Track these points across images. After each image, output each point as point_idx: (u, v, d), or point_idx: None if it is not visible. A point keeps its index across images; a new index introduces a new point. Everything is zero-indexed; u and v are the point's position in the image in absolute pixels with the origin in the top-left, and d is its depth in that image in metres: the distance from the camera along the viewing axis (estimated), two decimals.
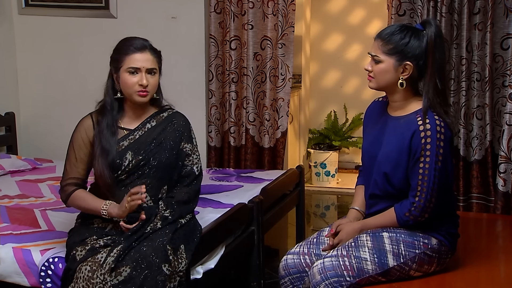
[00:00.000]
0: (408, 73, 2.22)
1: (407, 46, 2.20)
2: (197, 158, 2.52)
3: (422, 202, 2.18)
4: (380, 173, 2.27)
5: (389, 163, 2.24)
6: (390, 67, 2.23)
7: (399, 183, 2.24)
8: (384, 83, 2.26)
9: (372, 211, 2.38)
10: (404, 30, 2.22)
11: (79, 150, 2.44)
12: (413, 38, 2.20)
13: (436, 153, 2.15)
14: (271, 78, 4.06)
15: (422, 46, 2.20)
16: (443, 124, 2.17)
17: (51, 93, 4.47)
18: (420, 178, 2.17)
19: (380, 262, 2.21)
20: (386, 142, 2.28)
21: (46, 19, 4.40)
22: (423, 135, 2.16)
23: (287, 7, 3.96)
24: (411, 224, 2.23)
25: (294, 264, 2.41)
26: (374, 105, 2.47)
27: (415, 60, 2.21)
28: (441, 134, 2.15)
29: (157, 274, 2.19)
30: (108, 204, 2.37)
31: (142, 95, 2.38)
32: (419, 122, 2.18)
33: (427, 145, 2.15)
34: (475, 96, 3.62)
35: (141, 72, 2.37)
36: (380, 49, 2.23)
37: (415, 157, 2.18)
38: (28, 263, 2.46)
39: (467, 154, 3.68)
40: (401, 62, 2.21)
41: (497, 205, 3.49)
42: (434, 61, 2.19)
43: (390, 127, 2.29)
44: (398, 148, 2.23)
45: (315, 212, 5.24)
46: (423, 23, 2.25)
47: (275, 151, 4.13)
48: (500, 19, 3.57)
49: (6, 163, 3.82)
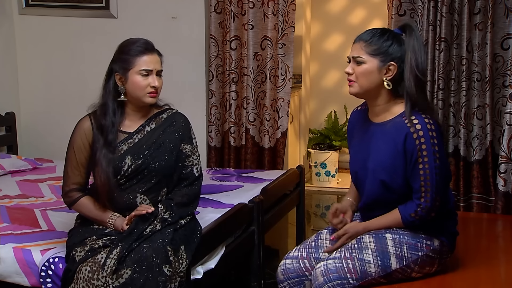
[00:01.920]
0: (392, 74, 2.22)
1: (390, 47, 2.21)
2: (197, 159, 2.51)
3: (429, 203, 2.17)
4: (376, 182, 2.24)
5: (384, 170, 2.22)
6: (374, 68, 2.21)
7: (399, 188, 2.22)
8: (367, 85, 2.23)
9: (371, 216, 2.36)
10: (385, 33, 2.24)
11: (80, 153, 2.43)
12: (395, 41, 2.22)
13: (433, 151, 2.15)
14: (271, 78, 4.06)
15: (403, 49, 2.21)
16: (432, 121, 2.18)
17: (52, 93, 4.48)
18: (422, 179, 2.16)
19: (383, 265, 2.20)
20: (375, 150, 2.25)
21: (46, 19, 4.40)
22: (416, 136, 2.14)
23: (287, 7, 3.96)
24: (417, 224, 2.22)
25: (293, 269, 2.41)
26: (355, 115, 2.45)
27: (397, 62, 2.21)
28: (432, 131, 2.15)
29: (158, 275, 2.18)
30: (114, 218, 2.38)
31: (153, 96, 2.40)
32: (408, 125, 2.16)
33: (422, 145, 2.14)
34: (475, 96, 3.62)
35: (153, 74, 2.38)
36: (363, 50, 2.22)
37: (412, 160, 2.16)
38: (29, 263, 2.46)
39: (467, 154, 3.68)
40: (385, 63, 2.21)
41: (498, 205, 3.49)
42: (413, 63, 2.19)
43: (377, 134, 2.27)
44: (391, 154, 2.20)
45: (315, 212, 5.24)
46: (402, 27, 2.26)
47: (275, 151, 4.13)
48: (501, 19, 3.57)
49: (7, 163, 3.82)
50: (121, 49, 2.41)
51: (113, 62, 2.42)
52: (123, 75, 2.38)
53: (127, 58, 2.37)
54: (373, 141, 2.27)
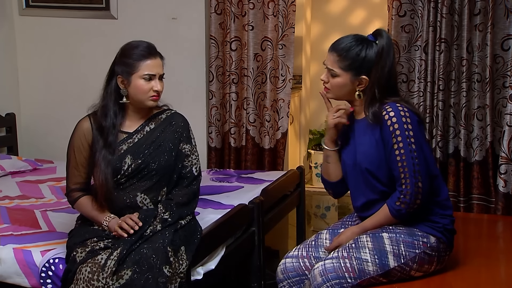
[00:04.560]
0: (364, 85, 2.29)
1: (364, 61, 2.26)
2: (196, 159, 2.52)
3: (410, 188, 2.20)
4: (363, 172, 2.30)
5: (368, 160, 2.28)
6: (347, 81, 2.29)
7: (385, 178, 2.27)
8: (341, 95, 2.34)
9: (367, 215, 2.37)
10: (359, 44, 2.27)
11: (79, 154, 2.44)
12: (368, 51, 2.26)
13: (407, 136, 2.19)
14: (272, 79, 4.06)
15: (374, 57, 2.26)
16: (406, 109, 2.23)
17: (52, 93, 4.48)
18: (399, 165, 2.20)
19: (381, 263, 2.22)
20: (359, 144, 2.33)
21: (46, 20, 4.40)
22: (390, 123, 2.21)
23: (287, 8, 3.96)
24: (404, 213, 2.23)
25: (293, 268, 2.42)
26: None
27: (369, 72, 2.27)
28: (406, 118, 2.20)
29: (158, 276, 2.18)
30: (109, 219, 2.39)
31: (155, 100, 2.42)
32: (383, 113, 2.23)
33: (396, 131, 2.20)
34: (475, 97, 3.62)
35: (155, 78, 2.39)
36: (336, 64, 2.28)
37: (388, 146, 2.22)
38: (29, 264, 2.46)
39: (467, 155, 3.68)
40: (358, 76, 2.28)
41: (498, 206, 3.49)
42: (378, 69, 2.25)
43: (360, 129, 2.35)
44: (372, 144, 2.27)
45: (315, 213, 5.24)
46: (375, 34, 2.29)
47: (275, 152, 4.13)
48: (501, 20, 3.57)
49: (7, 164, 3.82)
50: (124, 52, 2.41)
51: (115, 65, 2.42)
52: (125, 78, 2.39)
53: (130, 62, 2.37)
54: (357, 137, 2.35)
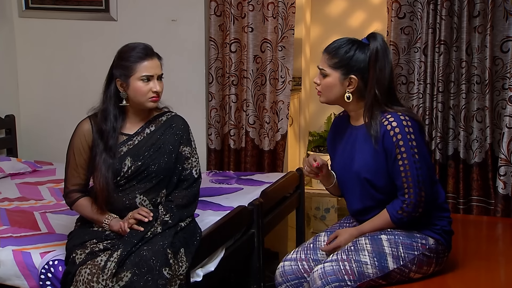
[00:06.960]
0: (354, 87, 2.26)
1: (352, 59, 2.24)
2: (196, 161, 2.52)
3: (413, 198, 2.20)
4: (361, 182, 2.28)
5: (368, 171, 2.26)
6: (336, 80, 2.27)
7: (385, 187, 2.25)
8: (332, 97, 2.31)
9: (364, 219, 2.37)
10: (350, 44, 2.26)
11: (79, 156, 2.44)
12: (358, 52, 2.24)
13: (411, 146, 2.18)
14: (271, 81, 4.06)
15: (366, 60, 2.24)
16: (408, 117, 2.22)
17: (51, 95, 4.47)
18: (403, 175, 2.20)
19: (380, 266, 2.22)
20: (359, 151, 2.30)
21: (46, 21, 4.40)
22: (393, 133, 2.19)
23: (287, 9, 3.96)
24: (405, 221, 2.24)
25: (292, 271, 2.42)
26: (337, 121, 2.50)
27: (360, 74, 2.25)
28: (409, 127, 2.19)
29: (157, 278, 2.18)
30: (110, 218, 2.40)
31: (155, 101, 2.41)
32: (385, 123, 2.21)
33: (399, 141, 2.18)
34: (475, 99, 3.62)
35: (154, 79, 2.39)
36: (326, 63, 2.28)
37: (392, 157, 2.20)
38: (28, 266, 2.46)
39: (467, 157, 3.68)
40: (346, 76, 2.26)
41: (497, 208, 3.49)
42: (376, 72, 2.22)
43: (359, 136, 2.32)
44: (372, 153, 2.24)
45: (315, 215, 5.24)
46: (369, 37, 2.28)
47: (275, 154, 4.13)
48: (500, 22, 3.57)
49: (6, 165, 3.82)
50: (121, 55, 2.41)
51: (113, 68, 2.43)
52: (124, 81, 2.39)
53: (128, 64, 2.37)
54: (355, 144, 2.33)
